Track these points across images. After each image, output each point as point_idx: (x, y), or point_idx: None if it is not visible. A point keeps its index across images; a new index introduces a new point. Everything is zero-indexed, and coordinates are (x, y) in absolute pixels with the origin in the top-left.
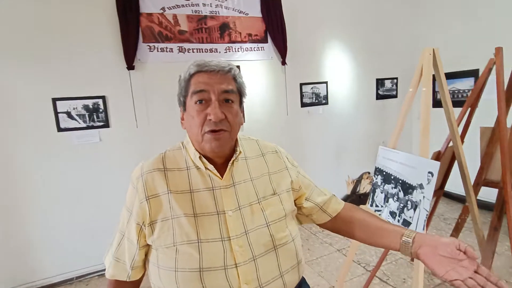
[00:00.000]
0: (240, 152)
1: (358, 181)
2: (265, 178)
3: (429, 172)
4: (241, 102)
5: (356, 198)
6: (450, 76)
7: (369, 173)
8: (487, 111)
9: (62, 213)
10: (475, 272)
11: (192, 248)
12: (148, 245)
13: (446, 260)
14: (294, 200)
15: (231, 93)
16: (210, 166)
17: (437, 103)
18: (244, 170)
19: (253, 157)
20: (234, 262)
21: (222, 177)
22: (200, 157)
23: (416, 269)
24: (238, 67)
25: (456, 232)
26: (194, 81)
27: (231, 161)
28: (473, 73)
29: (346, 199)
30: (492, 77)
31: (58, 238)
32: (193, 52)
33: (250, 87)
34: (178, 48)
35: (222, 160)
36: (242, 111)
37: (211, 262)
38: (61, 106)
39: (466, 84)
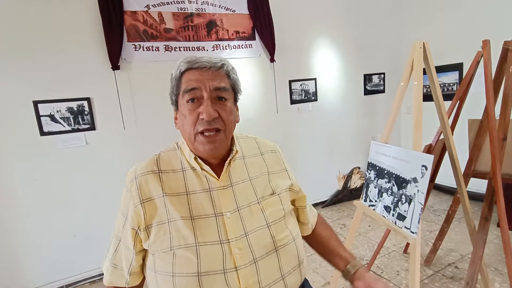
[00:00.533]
0: (236, 151)
1: (348, 177)
2: (264, 178)
3: (422, 166)
4: (236, 99)
5: (347, 193)
6: (436, 70)
7: (359, 168)
8: (473, 104)
9: (49, 219)
10: None
11: (189, 252)
12: (145, 250)
13: None
14: (294, 200)
15: (224, 91)
16: (206, 167)
17: (425, 97)
18: (242, 169)
19: (251, 156)
20: (234, 265)
21: (219, 177)
22: (195, 158)
23: (412, 262)
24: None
25: (446, 223)
26: (185, 79)
27: (227, 161)
28: (457, 67)
29: (337, 194)
30: (479, 70)
31: (45, 246)
32: (180, 50)
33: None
34: (164, 46)
35: (218, 160)
36: (238, 109)
37: (210, 265)
38: (44, 109)
39: (451, 77)
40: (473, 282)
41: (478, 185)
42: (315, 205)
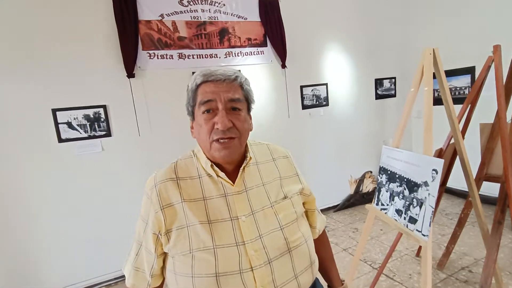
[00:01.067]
0: (250, 158)
1: (360, 181)
2: (277, 183)
3: (433, 170)
4: (249, 109)
5: (360, 197)
6: (446, 74)
7: (371, 172)
8: (485, 107)
9: (66, 224)
10: None
11: (208, 254)
12: (165, 253)
13: None
14: (303, 204)
15: (238, 101)
16: (222, 174)
17: (436, 101)
18: (256, 175)
19: (264, 162)
20: (249, 266)
21: (234, 183)
22: (211, 166)
23: (423, 265)
24: (239, 71)
25: (459, 227)
26: (201, 91)
27: (242, 168)
28: (469, 71)
29: (349, 198)
30: (490, 74)
31: (63, 250)
32: (193, 58)
33: (252, 89)
34: (178, 54)
35: (232, 166)
36: (251, 118)
37: (227, 266)
38: (62, 116)
39: (462, 81)
40: (487, 285)
41: (492, 189)
42: (327, 209)
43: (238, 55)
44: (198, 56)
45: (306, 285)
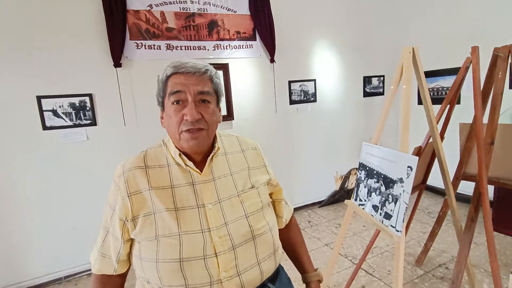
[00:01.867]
0: (218, 148)
1: (346, 177)
2: (245, 173)
3: (408, 167)
4: (218, 102)
5: (344, 193)
6: (434, 73)
7: (357, 168)
8: (467, 107)
9: (49, 212)
10: None
11: (173, 239)
12: (132, 239)
13: None
14: (270, 194)
15: (207, 94)
16: (190, 163)
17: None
18: (224, 165)
19: (233, 152)
20: (214, 252)
21: (201, 172)
22: (180, 154)
23: (396, 260)
24: (226, 65)
25: (437, 224)
26: (171, 82)
27: (209, 157)
28: (456, 71)
29: (335, 194)
30: (469, 75)
31: (46, 238)
32: (181, 49)
33: (239, 84)
34: (166, 45)
35: (201, 156)
36: (220, 110)
37: (191, 252)
38: (47, 104)
39: (449, 81)
40: (458, 281)
41: (470, 187)
42: (312, 204)
43: (226, 48)
44: (186, 47)
45: (268, 271)
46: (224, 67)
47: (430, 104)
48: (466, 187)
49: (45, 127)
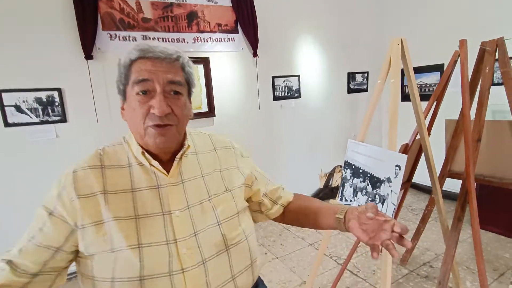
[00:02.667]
0: (188, 146)
1: (330, 175)
2: (217, 174)
3: (396, 165)
4: (190, 93)
5: (329, 191)
6: (416, 70)
7: (341, 166)
8: (452, 103)
9: (14, 216)
10: (392, 231)
11: (131, 254)
12: (76, 252)
13: (369, 228)
14: (250, 197)
15: (179, 85)
16: (155, 163)
17: (405, 97)
18: (194, 165)
19: (205, 152)
20: (180, 267)
21: (168, 173)
22: (143, 153)
23: (384, 263)
24: (207, 59)
25: (422, 223)
26: (136, 68)
27: (178, 156)
28: (439, 68)
29: (319, 192)
30: (457, 70)
31: (11, 243)
32: (158, 41)
33: (221, 79)
34: (142, 37)
35: (168, 155)
36: (191, 103)
37: (154, 268)
38: (8, 98)
39: (432, 78)
40: (445, 281)
41: (455, 185)
42: None
43: (207, 41)
44: (164, 39)
45: (245, 286)
46: (204, 61)
47: (419, 100)
48: (449, 184)
49: (7, 124)
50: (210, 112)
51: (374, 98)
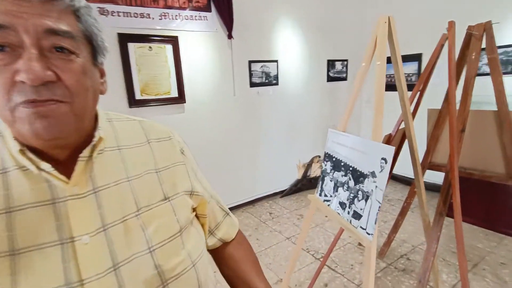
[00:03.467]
0: (100, 138)
1: (308, 165)
2: (151, 177)
3: (382, 159)
4: (96, 57)
5: (307, 182)
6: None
7: (319, 156)
8: (432, 94)
9: None
10: None
11: None
12: None
13: None
14: (197, 207)
15: (67, 37)
16: (46, 165)
17: (386, 87)
18: (116, 166)
19: (132, 145)
20: None
21: (69, 179)
22: (22, 151)
23: (367, 268)
24: (175, 38)
25: (401, 216)
26: None
27: (84, 154)
28: (417, 57)
29: (297, 183)
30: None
31: None
32: (118, 15)
33: (192, 62)
34: (98, 9)
35: (67, 152)
36: (103, 75)
37: None
38: None
39: (410, 68)
40: (425, 280)
41: (432, 176)
42: (273, 194)
43: (176, 18)
44: (125, 14)
45: None
46: (173, 41)
47: (405, 86)
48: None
49: None
50: (180, 98)
51: (357, 82)
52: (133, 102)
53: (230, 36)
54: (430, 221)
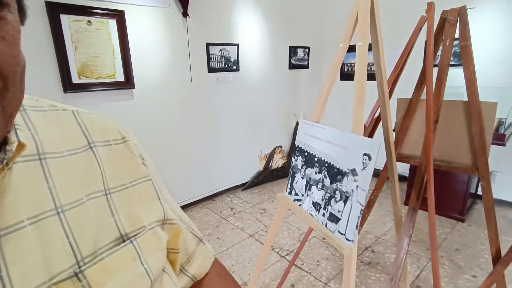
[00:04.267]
0: (20, 145)
1: (270, 156)
2: (97, 204)
3: (365, 154)
4: (22, 10)
5: (269, 174)
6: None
7: (281, 147)
8: (402, 85)
9: None
10: None
11: None
12: None
13: None
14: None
15: None
16: None
17: (344, 76)
18: (35, 189)
19: (63, 152)
20: None
21: None
22: None
23: (346, 279)
24: (121, 12)
25: (368, 209)
26: None
27: None
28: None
29: (259, 175)
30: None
31: None
32: None
33: (141, 42)
34: None
35: None
36: (15, 36)
37: None
38: None
39: (370, 57)
40: (398, 277)
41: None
42: (235, 187)
43: None
44: None
45: None
46: (118, 15)
47: (384, 71)
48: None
49: None
50: (128, 82)
51: (334, 66)
52: (68, 86)
53: (185, 14)
54: (402, 216)
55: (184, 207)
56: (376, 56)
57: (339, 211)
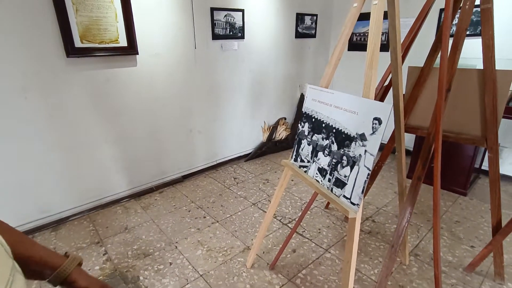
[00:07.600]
0: None
1: (274, 128)
2: None
3: (375, 119)
4: None
5: (272, 145)
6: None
7: (285, 118)
8: (413, 55)
9: None
10: None
11: None
12: None
13: None
14: None
15: None
16: None
17: (352, 46)
18: None
19: None
20: None
21: None
22: None
23: (349, 246)
24: None
25: (371, 179)
26: None
27: None
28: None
29: (262, 146)
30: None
31: None
32: None
33: (145, 6)
34: None
35: None
36: None
37: None
38: None
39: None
40: (398, 244)
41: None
42: (238, 158)
43: None
44: None
45: None
46: None
47: (399, 34)
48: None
49: None
50: (131, 48)
51: (346, 28)
52: (71, 50)
53: None
54: (406, 185)
55: (188, 176)
56: (391, 16)
57: (345, 176)
